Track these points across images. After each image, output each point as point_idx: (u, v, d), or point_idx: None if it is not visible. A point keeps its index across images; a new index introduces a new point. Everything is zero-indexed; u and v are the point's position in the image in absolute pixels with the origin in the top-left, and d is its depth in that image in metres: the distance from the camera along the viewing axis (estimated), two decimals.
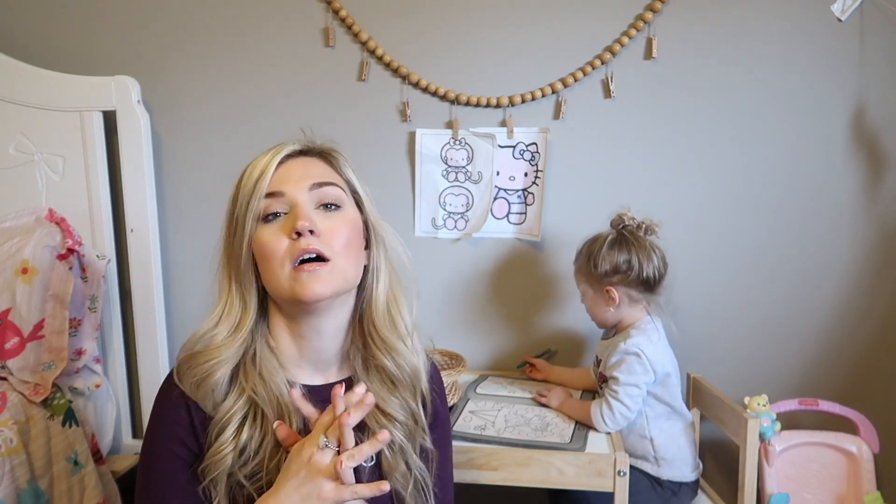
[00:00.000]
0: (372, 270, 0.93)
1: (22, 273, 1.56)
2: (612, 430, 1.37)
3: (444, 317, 1.83)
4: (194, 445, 0.84)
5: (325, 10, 1.74)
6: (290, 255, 0.83)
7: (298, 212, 0.84)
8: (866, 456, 1.57)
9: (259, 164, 0.88)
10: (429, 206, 1.79)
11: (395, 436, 0.89)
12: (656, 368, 1.39)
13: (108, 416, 1.73)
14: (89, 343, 1.65)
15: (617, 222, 1.48)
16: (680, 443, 1.44)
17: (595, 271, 1.44)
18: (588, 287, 1.49)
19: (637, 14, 1.65)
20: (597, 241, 1.47)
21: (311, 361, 0.92)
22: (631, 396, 1.37)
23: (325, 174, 0.90)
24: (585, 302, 1.52)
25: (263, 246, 0.85)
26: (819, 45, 1.61)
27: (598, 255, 1.44)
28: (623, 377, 1.38)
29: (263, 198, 0.85)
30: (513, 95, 1.71)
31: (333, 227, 0.86)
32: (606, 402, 1.38)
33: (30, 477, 1.39)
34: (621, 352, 1.40)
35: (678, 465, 1.42)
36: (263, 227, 0.86)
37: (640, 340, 1.41)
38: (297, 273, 0.83)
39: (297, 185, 0.87)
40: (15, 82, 1.74)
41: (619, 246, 1.43)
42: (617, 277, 1.43)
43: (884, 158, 1.63)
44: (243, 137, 1.81)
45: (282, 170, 0.88)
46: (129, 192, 1.76)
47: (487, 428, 1.37)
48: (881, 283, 1.67)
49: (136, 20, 1.81)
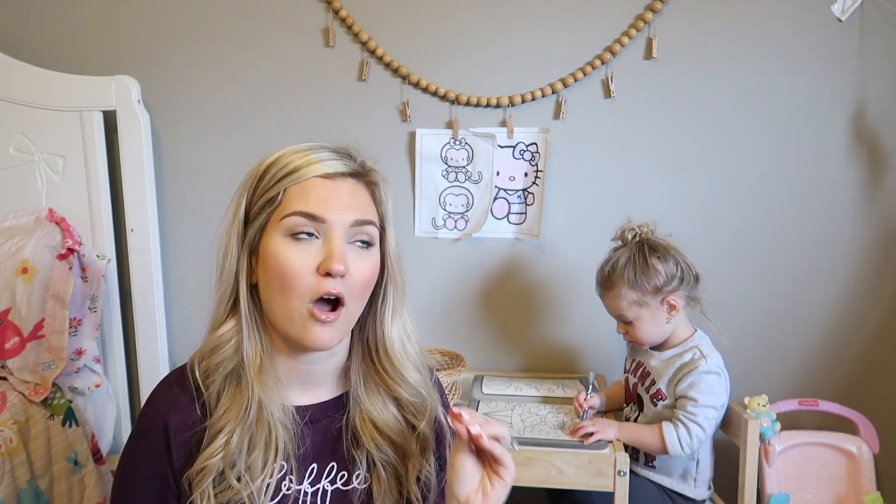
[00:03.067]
0: (382, 302, 0.87)
1: (22, 273, 1.56)
2: (685, 454, 1.33)
3: (444, 317, 1.82)
4: (167, 469, 0.80)
5: (325, 10, 1.74)
6: (312, 291, 0.78)
7: (336, 251, 0.77)
8: (866, 456, 1.57)
9: (300, 169, 0.79)
10: (429, 206, 1.79)
11: (391, 458, 0.86)
12: (730, 388, 1.38)
13: (108, 416, 1.73)
14: (89, 343, 1.65)
15: (630, 236, 1.41)
16: (711, 461, 1.44)
17: (649, 289, 1.36)
18: (642, 309, 1.38)
19: (637, 14, 1.65)
20: (629, 263, 1.37)
21: (300, 381, 0.86)
22: (709, 419, 1.33)
23: (367, 208, 0.82)
24: (640, 326, 1.40)
25: (283, 266, 0.78)
26: (819, 45, 1.61)
27: (643, 275, 1.35)
28: (703, 398, 1.32)
29: (298, 215, 0.78)
30: (513, 95, 1.71)
31: (360, 268, 0.80)
32: (683, 424, 1.32)
33: (30, 477, 1.39)
34: (700, 371, 1.34)
35: (707, 483, 1.43)
36: (288, 242, 0.79)
37: (717, 358, 1.37)
38: (312, 318, 0.78)
39: (342, 217, 0.79)
40: (15, 82, 1.74)
41: (654, 255, 1.37)
42: (672, 284, 1.37)
43: (884, 158, 1.62)
44: (243, 137, 1.81)
45: (326, 189, 0.80)
46: (129, 192, 1.76)
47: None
48: (881, 283, 1.67)
49: (136, 20, 1.81)
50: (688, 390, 1.34)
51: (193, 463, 0.78)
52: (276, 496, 0.81)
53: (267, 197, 0.80)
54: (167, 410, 0.81)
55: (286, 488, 0.82)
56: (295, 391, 0.85)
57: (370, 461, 0.86)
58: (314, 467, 0.85)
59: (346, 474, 0.86)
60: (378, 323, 0.87)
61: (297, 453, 0.82)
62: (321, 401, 0.87)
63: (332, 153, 0.82)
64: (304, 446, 0.83)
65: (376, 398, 0.87)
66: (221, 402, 0.80)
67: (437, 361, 1.67)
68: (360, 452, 0.85)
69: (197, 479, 0.77)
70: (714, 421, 1.35)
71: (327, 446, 0.86)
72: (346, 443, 0.86)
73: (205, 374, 0.81)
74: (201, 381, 0.80)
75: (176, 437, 0.79)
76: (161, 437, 0.79)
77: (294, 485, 0.82)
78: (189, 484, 0.78)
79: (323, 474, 0.85)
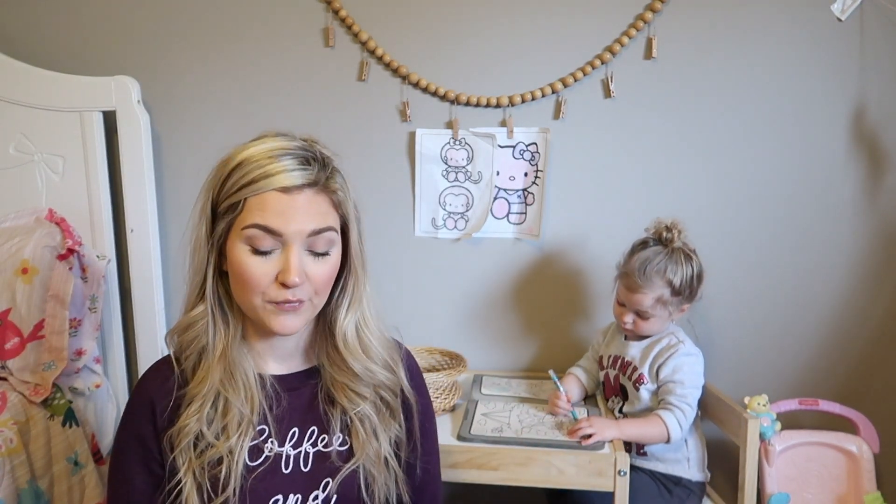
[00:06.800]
0: (340, 292, 0.93)
1: (22, 273, 1.56)
2: (682, 436, 1.38)
3: (444, 317, 1.83)
4: (151, 438, 0.88)
5: (325, 10, 1.74)
6: (272, 296, 0.85)
7: (292, 264, 0.83)
8: (866, 456, 1.57)
9: (259, 181, 0.83)
10: (429, 206, 1.79)
11: (366, 411, 0.93)
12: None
13: (108, 417, 1.73)
14: (89, 343, 1.65)
15: (669, 236, 1.41)
16: (701, 443, 1.47)
17: (685, 296, 1.41)
18: (663, 308, 1.41)
19: (637, 14, 1.65)
20: (678, 270, 1.38)
21: (274, 355, 0.95)
22: (696, 399, 1.39)
23: (325, 216, 0.86)
24: (653, 322, 1.42)
25: (245, 274, 0.84)
26: (819, 45, 1.61)
27: (685, 283, 1.39)
28: (689, 380, 1.38)
29: (256, 227, 0.83)
30: (513, 95, 1.71)
31: (318, 272, 0.86)
32: (678, 408, 1.36)
33: (30, 477, 1.39)
34: (681, 354, 1.40)
35: (701, 465, 1.45)
36: (248, 251, 0.84)
37: (690, 341, 1.45)
38: (275, 310, 0.86)
39: (299, 228, 0.83)
40: (15, 82, 1.74)
41: (692, 264, 1.40)
42: (695, 294, 1.43)
43: (884, 158, 1.63)
44: (243, 137, 1.77)
45: (283, 203, 0.83)
46: (129, 192, 1.76)
47: (504, 430, 1.37)
48: (881, 283, 1.67)
49: (135, 20, 1.81)
50: (672, 375, 1.39)
51: (173, 425, 0.86)
52: (259, 457, 0.88)
53: (230, 202, 0.85)
54: (151, 386, 0.90)
55: (268, 450, 0.89)
56: (269, 363, 0.94)
57: (347, 419, 0.93)
58: (295, 431, 0.92)
59: (325, 437, 0.93)
60: (333, 311, 0.94)
61: (274, 417, 0.90)
62: (295, 371, 0.96)
63: (294, 161, 0.84)
64: (280, 409, 0.90)
65: (341, 372, 0.94)
66: (197, 374, 0.88)
67: (437, 361, 1.67)
68: (336, 410, 0.93)
69: (177, 439, 0.85)
70: (697, 400, 1.41)
71: (306, 410, 0.94)
72: (322, 404, 0.94)
73: (180, 348, 0.90)
74: (178, 354, 0.90)
75: (159, 405, 0.88)
76: (147, 410, 0.88)
77: (276, 447, 0.90)
78: (171, 445, 0.86)
79: (304, 437, 0.92)
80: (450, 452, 1.28)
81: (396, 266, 1.81)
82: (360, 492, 0.92)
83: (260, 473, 0.88)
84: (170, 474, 0.85)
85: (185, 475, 0.84)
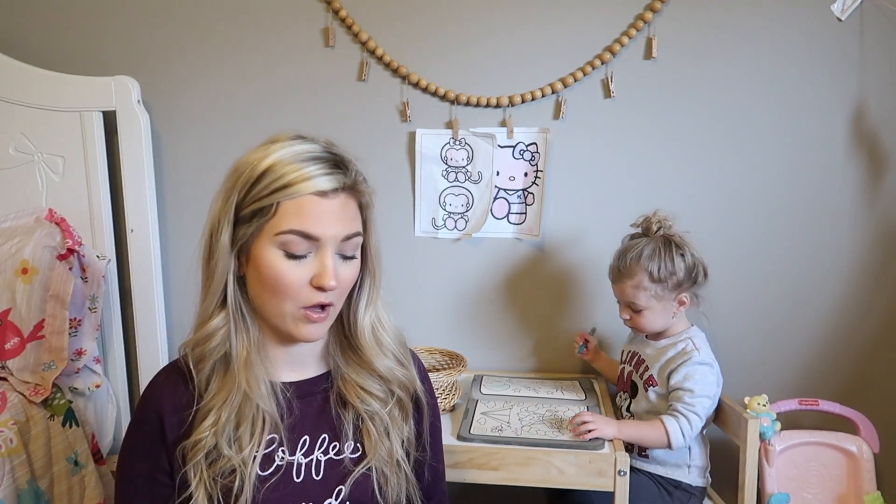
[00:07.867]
0: (358, 291, 0.94)
1: (22, 273, 1.56)
2: (685, 445, 1.36)
3: (444, 317, 1.83)
4: (160, 449, 0.87)
5: (325, 10, 1.74)
6: (305, 300, 0.85)
7: (328, 268, 0.83)
8: (866, 456, 1.57)
9: (295, 184, 0.81)
10: (429, 206, 1.79)
11: (377, 409, 0.93)
12: (721, 379, 1.41)
13: (109, 417, 1.73)
14: (89, 343, 1.65)
15: (655, 228, 1.42)
16: (705, 452, 1.46)
17: (669, 285, 1.38)
18: (655, 301, 1.40)
19: (637, 14, 1.65)
20: (655, 256, 1.38)
21: (288, 362, 0.94)
22: (705, 409, 1.36)
23: (355, 220, 0.87)
24: (648, 316, 1.42)
25: (278, 278, 0.83)
26: (819, 45, 1.61)
27: (664, 270, 1.37)
28: (698, 389, 1.35)
29: (294, 234, 0.82)
30: (513, 95, 1.71)
31: (346, 275, 0.88)
32: (684, 416, 1.34)
33: (30, 477, 1.39)
34: (693, 362, 1.38)
35: (702, 471, 1.44)
36: (283, 256, 0.83)
37: (708, 352, 1.41)
38: (304, 318, 0.86)
39: (334, 233, 0.84)
40: (15, 82, 1.74)
41: (679, 252, 1.39)
42: (688, 283, 1.41)
43: (884, 158, 1.63)
44: (243, 137, 1.79)
45: (320, 207, 0.83)
46: (129, 192, 1.76)
47: (504, 429, 1.37)
48: (881, 283, 1.67)
49: (136, 20, 1.81)
50: (683, 382, 1.37)
51: (187, 438, 0.85)
52: (269, 467, 0.87)
53: (259, 205, 0.83)
54: (162, 396, 0.88)
55: (279, 459, 0.88)
56: (282, 370, 0.93)
57: (358, 421, 0.93)
58: (306, 439, 0.91)
59: (337, 445, 0.92)
60: (353, 311, 0.94)
61: (286, 426, 0.89)
62: (308, 377, 0.95)
63: (325, 166, 0.84)
64: (292, 418, 0.90)
65: (355, 372, 0.94)
66: (211, 387, 0.87)
67: (437, 361, 1.67)
68: (349, 414, 0.93)
69: (191, 452, 0.84)
70: (709, 410, 1.39)
71: (317, 418, 0.92)
72: (335, 409, 0.93)
73: (196, 360, 0.88)
74: (193, 366, 0.88)
75: (170, 419, 0.86)
76: (156, 423, 0.86)
77: (287, 456, 0.89)
78: (183, 457, 0.85)
79: (316, 445, 0.91)
80: (450, 452, 1.28)
81: (396, 266, 1.81)
82: (374, 494, 0.91)
83: (272, 483, 0.87)
84: (180, 486, 0.84)
85: (197, 487, 0.83)
